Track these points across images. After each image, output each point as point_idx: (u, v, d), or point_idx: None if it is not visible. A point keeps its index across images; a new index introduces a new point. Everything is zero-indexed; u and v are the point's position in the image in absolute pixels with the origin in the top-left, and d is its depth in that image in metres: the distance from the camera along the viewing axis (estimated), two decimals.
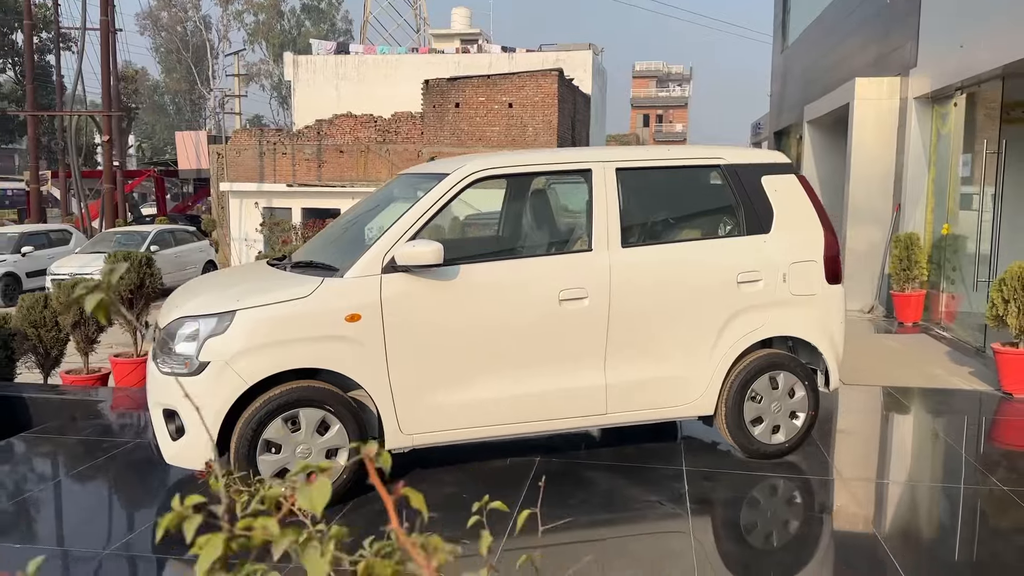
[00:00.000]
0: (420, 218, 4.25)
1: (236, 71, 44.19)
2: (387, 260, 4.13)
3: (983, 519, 4.22)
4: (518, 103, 27.28)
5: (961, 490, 4.51)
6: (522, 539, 3.76)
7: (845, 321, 5.07)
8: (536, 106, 27.31)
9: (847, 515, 4.17)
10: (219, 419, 3.91)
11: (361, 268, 4.14)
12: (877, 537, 3.84)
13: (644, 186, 4.86)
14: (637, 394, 4.61)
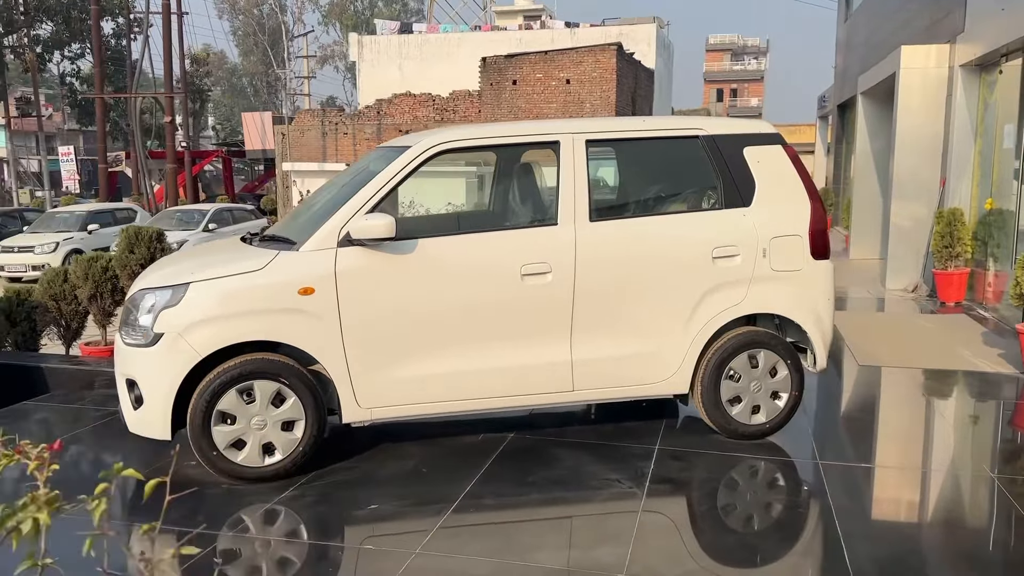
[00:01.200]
0: (378, 192, 4.24)
1: (304, 52, 44.88)
2: (343, 234, 4.13)
3: (961, 505, 4.00)
4: (576, 79, 26.99)
5: (944, 475, 4.29)
6: (464, 516, 3.77)
7: (833, 298, 4.86)
8: (594, 82, 26.97)
9: (814, 500, 4.00)
10: (173, 389, 3.99)
11: (317, 242, 4.15)
12: (836, 525, 3.68)
13: (617, 158, 4.73)
14: (605, 371, 4.52)
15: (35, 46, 33.46)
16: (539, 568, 3.29)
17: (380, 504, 3.90)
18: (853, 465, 4.48)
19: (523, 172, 5.09)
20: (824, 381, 6.47)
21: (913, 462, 4.51)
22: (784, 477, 4.32)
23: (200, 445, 4.04)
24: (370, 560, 3.41)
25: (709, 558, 3.41)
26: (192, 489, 3.83)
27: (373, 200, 4.21)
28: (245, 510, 3.86)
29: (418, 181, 4.50)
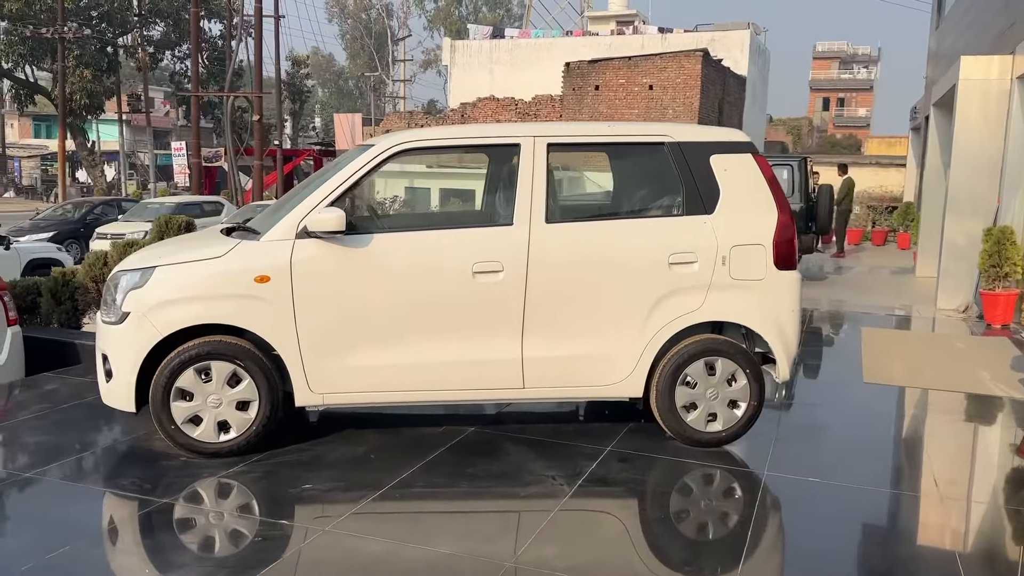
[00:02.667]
0: (338, 187, 4.45)
1: (402, 57, 46.04)
2: (301, 226, 4.37)
3: (899, 526, 3.91)
4: (659, 85, 26.80)
5: (900, 496, 4.19)
6: (386, 501, 3.93)
7: (799, 309, 4.80)
8: (677, 88, 26.70)
9: (737, 510, 3.98)
10: (137, 365, 4.31)
11: (276, 233, 4.40)
12: (747, 535, 3.66)
13: (579, 163, 4.81)
14: (557, 370, 4.60)
15: (147, 46, 35.62)
16: (430, 551, 3.42)
17: (314, 485, 4.11)
18: (800, 479, 4.41)
19: (501, 174, 5.22)
20: (813, 395, 6.35)
21: (862, 479, 4.40)
22: (720, 485, 4.30)
23: (160, 419, 4.34)
24: (280, 532, 3.61)
25: (604, 554, 3.46)
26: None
27: (332, 195, 4.43)
28: (192, 480, 4.13)
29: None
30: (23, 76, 33.90)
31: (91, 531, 3.64)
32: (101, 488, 4.11)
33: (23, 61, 31.94)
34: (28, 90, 34.50)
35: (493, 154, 4.98)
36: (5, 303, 6.65)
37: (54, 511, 3.83)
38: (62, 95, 27.93)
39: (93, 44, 33.26)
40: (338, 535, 3.58)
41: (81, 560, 3.34)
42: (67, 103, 29.08)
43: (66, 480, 4.19)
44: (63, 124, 28.02)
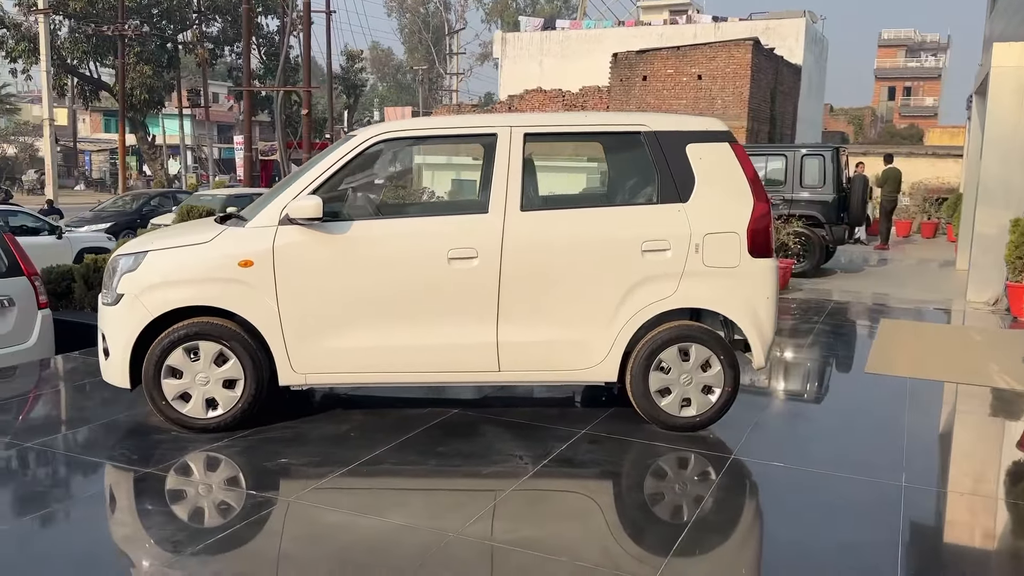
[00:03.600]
0: (319, 176, 4.65)
1: (455, 49, 46.36)
2: (283, 214, 4.58)
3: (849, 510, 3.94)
4: (708, 75, 26.52)
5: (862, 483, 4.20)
6: (353, 477, 4.12)
7: (774, 296, 4.83)
8: (727, 78, 26.39)
9: (693, 492, 4.06)
10: (130, 344, 4.59)
11: (261, 220, 4.63)
12: (690, 515, 3.75)
13: (555, 152, 4.91)
14: (531, 354, 4.73)
15: (206, 42, 36.67)
16: (383, 522, 3.60)
17: (289, 460, 4.33)
18: (766, 463, 4.46)
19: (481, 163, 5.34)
20: (804, 383, 6.35)
21: (825, 464, 4.42)
22: (682, 467, 4.38)
23: (152, 395, 4.62)
24: (247, 502, 3.83)
25: (550, 529, 3.59)
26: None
27: (314, 184, 4.63)
28: (176, 453, 4.39)
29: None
30: (87, 72, 35.27)
31: (73, 496, 3.91)
32: (92, 458, 4.38)
33: (87, 58, 33.27)
34: (92, 86, 35.90)
35: (471, 144, 5.12)
36: (36, 288, 7.06)
37: (44, 477, 4.12)
38: (122, 91, 29.01)
39: (153, 41, 34.41)
40: (301, 505, 3.78)
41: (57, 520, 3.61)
42: (127, 98, 30.18)
43: (64, 450, 4.48)
44: (123, 119, 29.11)
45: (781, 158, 12.22)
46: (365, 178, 5.41)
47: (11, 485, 4.07)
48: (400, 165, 13.44)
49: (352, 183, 5.01)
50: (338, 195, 4.82)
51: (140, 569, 3.25)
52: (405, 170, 21.63)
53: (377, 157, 5.03)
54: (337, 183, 4.75)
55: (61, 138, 54.13)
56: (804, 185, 12.02)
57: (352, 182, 4.99)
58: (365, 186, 5.26)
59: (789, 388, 6.22)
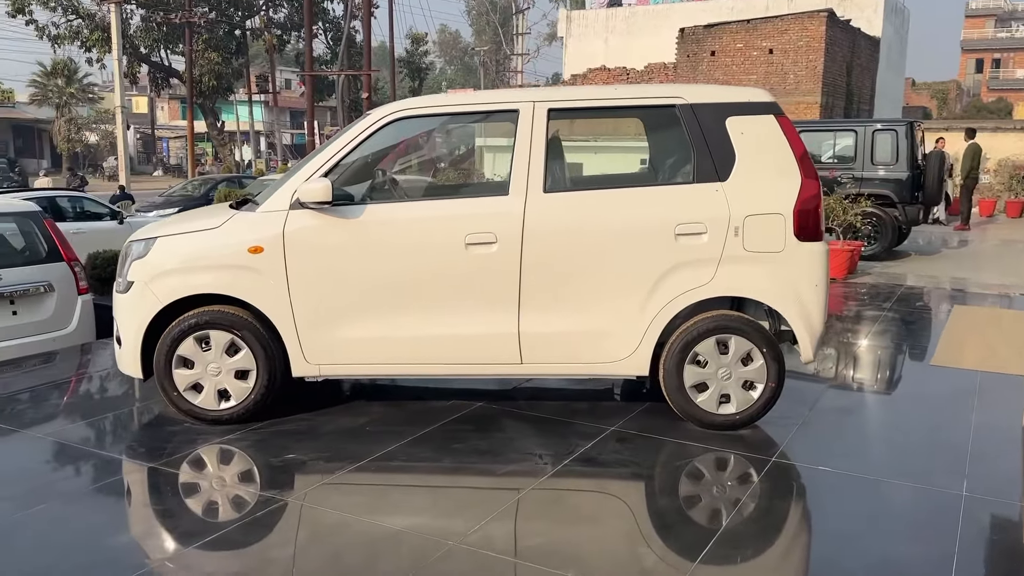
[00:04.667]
0: (332, 157, 4.42)
1: (522, 30, 45.92)
2: (294, 198, 4.37)
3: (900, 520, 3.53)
4: (779, 48, 25.55)
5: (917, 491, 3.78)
6: (360, 473, 3.91)
7: (824, 284, 4.41)
8: (799, 51, 25.37)
9: (724, 497, 3.71)
10: (141, 333, 4.45)
11: (271, 204, 4.43)
12: (720, 526, 3.41)
13: (583, 129, 4.57)
14: (555, 346, 4.43)
15: (273, 28, 37.09)
16: (379, 526, 3.37)
17: (298, 455, 4.13)
18: (811, 467, 4.08)
19: None
20: (864, 377, 5.89)
21: (874, 470, 4.01)
22: (715, 469, 4.03)
23: (163, 385, 4.48)
24: (243, 499, 3.65)
25: (559, 536, 3.31)
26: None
27: (327, 165, 4.40)
28: (185, 446, 4.24)
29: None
30: (159, 60, 36.08)
31: (73, 485, 3.79)
32: (98, 450, 4.28)
33: (157, 46, 34.01)
34: (163, 74, 36.73)
35: (493, 121, 4.82)
36: (76, 274, 7.07)
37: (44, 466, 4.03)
38: (189, 78, 29.55)
39: (221, 28, 34.94)
40: (297, 505, 3.58)
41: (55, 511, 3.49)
42: (196, 85, 30.74)
43: (71, 439, 4.39)
44: (191, 106, 29.68)
45: (851, 134, 11.54)
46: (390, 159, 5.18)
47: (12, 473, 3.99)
48: (454, 147, 13.21)
49: (373, 164, 4.77)
50: (354, 177, 4.58)
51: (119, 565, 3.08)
52: (464, 152, 21.46)
53: (397, 136, 4.78)
54: (352, 164, 4.52)
55: (141, 126, 55.80)
56: (876, 162, 11.32)
57: (372, 163, 4.75)
58: (389, 167, 5.03)
59: (845, 382, 5.76)
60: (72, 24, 30.78)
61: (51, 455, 4.21)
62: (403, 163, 4.76)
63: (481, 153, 27.79)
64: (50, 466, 4.10)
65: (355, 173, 4.60)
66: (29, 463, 4.14)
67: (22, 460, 4.19)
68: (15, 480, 3.91)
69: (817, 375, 5.81)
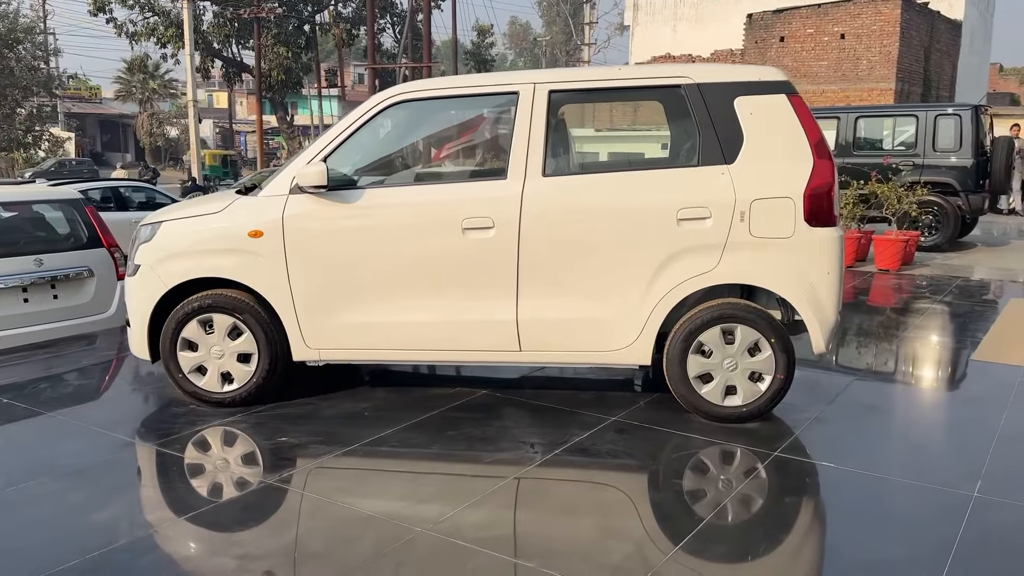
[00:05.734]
0: (332, 142, 4.41)
1: (587, 19, 45.54)
2: (294, 182, 4.37)
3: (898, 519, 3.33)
4: (851, 33, 24.68)
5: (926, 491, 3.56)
6: (348, 458, 3.90)
7: (838, 272, 4.19)
8: (873, 36, 24.46)
9: (710, 492, 3.56)
10: (147, 316, 4.53)
11: (272, 188, 4.44)
12: (699, 522, 3.27)
13: (585, 111, 4.45)
14: (554, 334, 4.34)
15: (342, 22, 37.62)
16: (351, 511, 3.35)
17: (290, 438, 4.14)
18: (814, 463, 3.88)
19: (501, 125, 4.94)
20: (897, 371, 5.61)
21: (883, 468, 3.79)
22: (710, 463, 3.88)
23: (169, 367, 4.56)
24: (229, 481, 3.67)
25: (531, 527, 3.22)
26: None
27: (327, 149, 4.39)
28: (186, 427, 4.30)
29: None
30: (230, 55, 37.02)
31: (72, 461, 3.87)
32: (103, 429, 4.33)
33: (229, 41, 34.90)
34: (235, 68, 37.67)
35: (492, 104, 4.73)
36: (116, 259, 7.27)
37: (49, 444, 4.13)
38: (258, 72, 30.24)
39: (291, 23, 35.64)
40: (276, 488, 3.58)
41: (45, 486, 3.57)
42: (265, 79, 31.45)
43: (80, 419, 4.50)
44: (259, 100, 30.37)
45: (911, 119, 11.02)
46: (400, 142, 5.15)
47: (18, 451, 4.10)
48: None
49: (378, 147, 4.74)
50: (357, 161, 4.56)
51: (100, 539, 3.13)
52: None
53: (403, 119, 4.74)
54: (355, 148, 4.49)
55: (220, 120, 57.45)
56: (937, 149, 10.80)
57: (376, 146, 4.73)
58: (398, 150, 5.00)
59: (874, 375, 5.49)
60: (148, 21, 31.86)
61: (56, 433, 4.32)
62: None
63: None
64: (51, 443, 4.19)
65: (358, 157, 4.58)
66: (34, 440, 4.26)
67: (29, 437, 4.31)
68: (16, 455, 4.02)
69: (845, 367, 5.57)
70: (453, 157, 5.69)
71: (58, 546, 3.07)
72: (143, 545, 3.08)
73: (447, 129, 5.58)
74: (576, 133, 23.00)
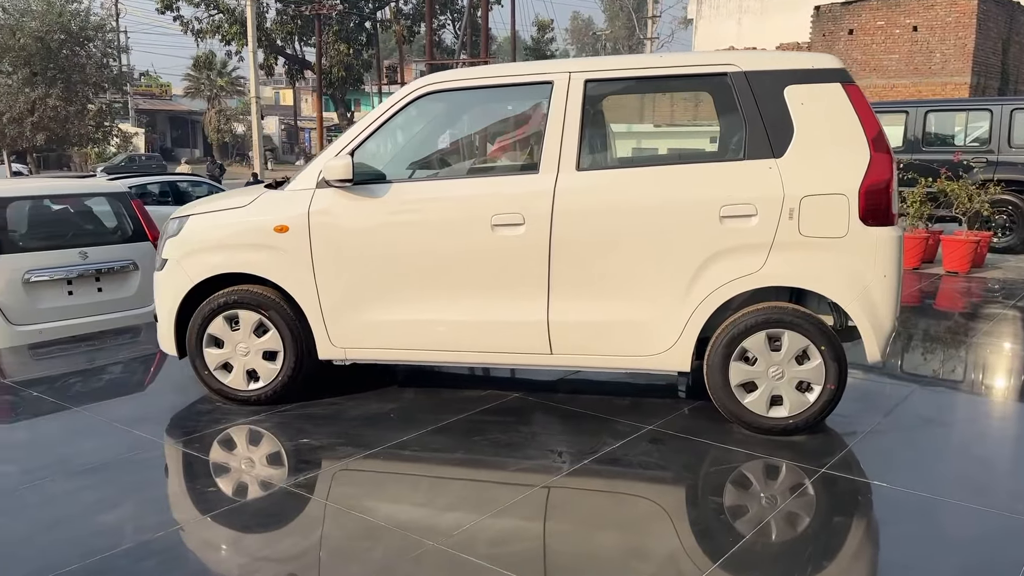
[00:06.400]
0: (360, 133, 4.26)
1: (650, 13, 44.91)
2: (321, 176, 4.24)
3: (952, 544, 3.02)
4: (924, 25, 23.74)
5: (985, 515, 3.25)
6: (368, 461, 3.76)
7: (896, 275, 3.88)
8: (947, 28, 23.49)
9: (757, 515, 3.29)
10: (174, 311, 4.45)
11: (299, 182, 4.32)
12: (733, 545, 3.02)
13: (624, 102, 4.21)
14: (587, 336, 4.12)
15: (403, 19, 37.78)
16: (364, 520, 3.19)
17: (312, 440, 4.01)
18: (865, 481, 3.58)
19: None
20: (971, 382, 5.21)
21: (938, 488, 3.47)
22: (752, 479, 3.61)
23: (195, 364, 4.48)
24: (241, 484, 3.55)
25: (549, 542, 3.02)
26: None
27: (354, 143, 4.25)
28: (209, 425, 4.21)
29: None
30: (293, 52, 37.50)
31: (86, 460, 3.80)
32: (125, 426, 4.26)
33: (291, 38, 35.34)
34: (297, 65, 38.16)
35: (525, 94, 4.52)
36: None
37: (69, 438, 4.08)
38: (319, 69, 30.55)
39: (352, 19, 35.91)
40: (291, 493, 3.45)
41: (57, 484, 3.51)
42: (326, 76, 31.74)
43: (102, 415, 4.45)
44: (319, 96, 30.67)
45: (985, 113, 10.43)
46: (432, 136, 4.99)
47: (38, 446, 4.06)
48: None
49: (410, 140, 4.59)
50: (387, 154, 4.41)
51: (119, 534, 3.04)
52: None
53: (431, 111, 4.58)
54: (383, 140, 4.34)
55: (285, 117, 58.42)
56: (1013, 145, 10.19)
57: (404, 139, 4.57)
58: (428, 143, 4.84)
59: (937, 385, 5.12)
60: (213, 18, 32.47)
61: (79, 428, 4.27)
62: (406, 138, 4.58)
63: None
64: (72, 439, 4.14)
65: (386, 150, 4.43)
66: (56, 436, 4.22)
67: (52, 432, 4.27)
68: (35, 450, 3.99)
69: (907, 375, 5.22)
70: (508, 151, 5.51)
71: (62, 545, 2.98)
72: (144, 550, 2.97)
73: (480, 121, 5.39)
74: (635, 129, 22.69)
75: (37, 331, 6.39)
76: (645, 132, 26.20)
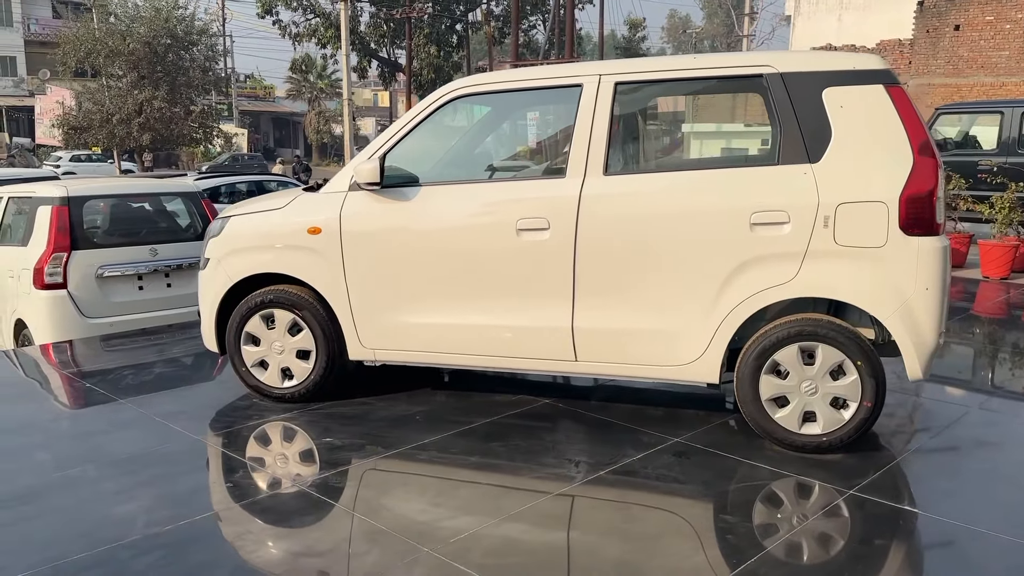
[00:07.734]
0: (391, 138, 4.29)
1: (747, 9, 43.85)
2: (353, 179, 4.30)
3: None
4: None
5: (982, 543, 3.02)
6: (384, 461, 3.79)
7: (940, 287, 3.64)
8: None
9: (771, 538, 3.15)
10: (214, 309, 4.59)
11: (333, 185, 4.39)
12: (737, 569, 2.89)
13: (656, 105, 4.10)
14: (613, 345, 4.03)
15: (493, 20, 37.97)
16: (365, 523, 3.21)
17: (335, 439, 4.07)
18: (892, 506, 3.38)
19: None
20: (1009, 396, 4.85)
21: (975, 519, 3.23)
22: (773, 499, 3.44)
23: (234, 361, 4.61)
24: (260, 482, 3.63)
25: (543, 556, 2.96)
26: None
27: (385, 147, 4.28)
28: (243, 422, 4.33)
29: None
30: (386, 55, 38.25)
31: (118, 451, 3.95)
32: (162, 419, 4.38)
33: (384, 41, 36.04)
34: (390, 68, 38.90)
35: (556, 98, 4.45)
36: None
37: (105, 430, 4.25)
38: (408, 72, 31.05)
39: (443, 22, 36.35)
40: (302, 492, 3.50)
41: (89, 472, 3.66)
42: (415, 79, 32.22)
43: (138, 408, 4.62)
44: (408, 99, 31.16)
45: None
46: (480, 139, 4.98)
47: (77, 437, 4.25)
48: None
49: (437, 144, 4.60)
50: (414, 157, 4.42)
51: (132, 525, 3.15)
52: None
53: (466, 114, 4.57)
54: (415, 144, 4.36)
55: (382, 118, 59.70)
56: None
57: (436, 142, 4.58)
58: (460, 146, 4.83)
59: (1000, 405, 4.79)
60: (310, 22, 33.44)
61: (119, 420, 4.45)
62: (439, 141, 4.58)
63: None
64: (111, 430, 4.31)
65: (418, 153, 4.44)
66: (96, 427, 4.41)
67: (93, 423, 4.47)
68: (73, 441, 4.18)
69: (969, 391, 4.91)
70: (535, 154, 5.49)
71: (73, 536, 3.11)
72: (151, 543, 3.06)
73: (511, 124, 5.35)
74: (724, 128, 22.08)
75: (108, 324, 6.71)
76: (735, 132, 25.54)
